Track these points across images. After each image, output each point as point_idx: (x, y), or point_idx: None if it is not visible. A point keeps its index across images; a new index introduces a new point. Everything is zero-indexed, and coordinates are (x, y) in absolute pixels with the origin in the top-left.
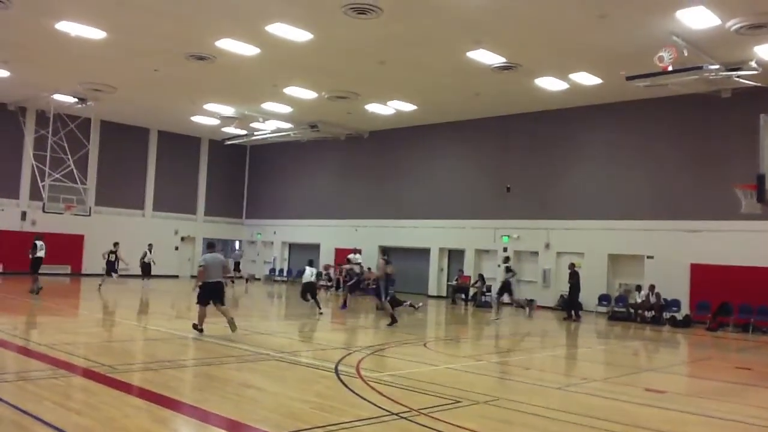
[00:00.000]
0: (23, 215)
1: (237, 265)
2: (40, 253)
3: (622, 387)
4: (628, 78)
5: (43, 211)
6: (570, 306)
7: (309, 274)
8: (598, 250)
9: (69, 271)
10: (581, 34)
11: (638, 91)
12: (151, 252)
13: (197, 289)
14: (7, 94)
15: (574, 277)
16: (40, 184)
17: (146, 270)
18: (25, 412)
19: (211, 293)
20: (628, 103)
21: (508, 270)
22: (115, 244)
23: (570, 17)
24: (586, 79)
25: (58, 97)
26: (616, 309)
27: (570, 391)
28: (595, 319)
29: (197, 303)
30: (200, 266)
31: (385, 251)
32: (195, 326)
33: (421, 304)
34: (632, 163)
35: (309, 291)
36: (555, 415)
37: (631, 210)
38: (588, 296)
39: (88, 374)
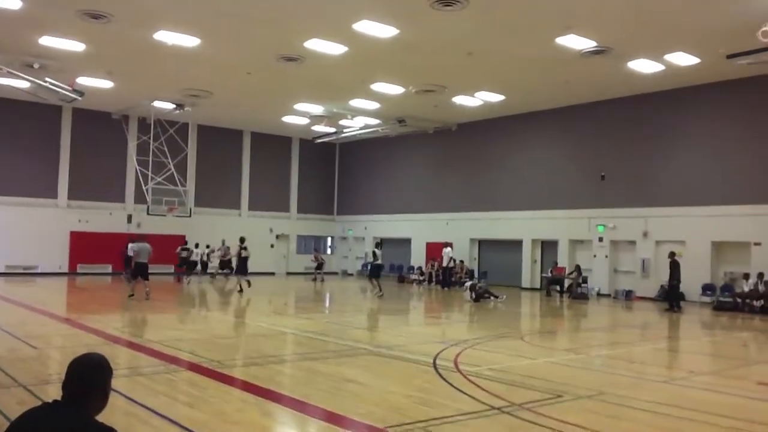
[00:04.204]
0: (129, 218)
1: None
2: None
3: (733, 380)
4: (729, 56)
5: (147, 214)
6: (671, 296)
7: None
8: (700, 237)
9: (172, 271)
10: (677, 12)
11: (740, 70)
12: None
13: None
14: (111, 104)
15: (674, 267)
16: (144, 188)
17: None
18: (140, 404)
19: (139, 270)
20: (729, 82)
21: (374, 255)
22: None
23: None
24: (683, 59)
25: (157, 104)
26: (722, 299)
27: (678, 385)
28: (699, 309)
29: (130, 277)
30: (131, 253)
31: (241, 239)
32: (130, 295)
33: (505, 296)
34: (735, 145)
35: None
36: (664, 410)
37: (735, 195)
38: (690, 286)
39: (198, 369)
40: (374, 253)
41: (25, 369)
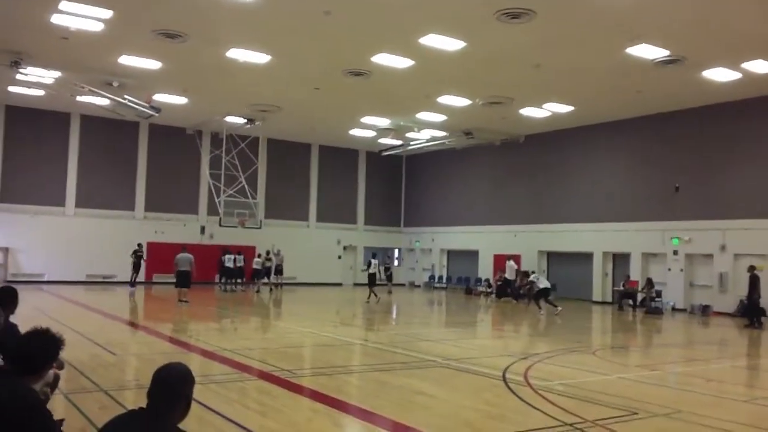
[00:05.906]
0: (202, 229)
1: (277, 269)
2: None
3: None
4: None
5: (220, 226)
6: (751, 312)
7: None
8: None
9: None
10: (755, 18)
11: None
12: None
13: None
14: (186, 119)
15: (754, 281)
16: (216, 201)
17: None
18: (214, 410)
19: (180, 278)
20: None
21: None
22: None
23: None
24: (761, 67)
25: (229, 119)
26: None
27: (760, 405)
28: None
29: (175, 286)
30: (176, 262)
31: (268, 251)
32: (179, 300)
33: (560, 308)
34: None
35: None
36: (745, 430)
37: None
38: None
39: (269, 378)
40: (369, 263)
41: (105, 375)
